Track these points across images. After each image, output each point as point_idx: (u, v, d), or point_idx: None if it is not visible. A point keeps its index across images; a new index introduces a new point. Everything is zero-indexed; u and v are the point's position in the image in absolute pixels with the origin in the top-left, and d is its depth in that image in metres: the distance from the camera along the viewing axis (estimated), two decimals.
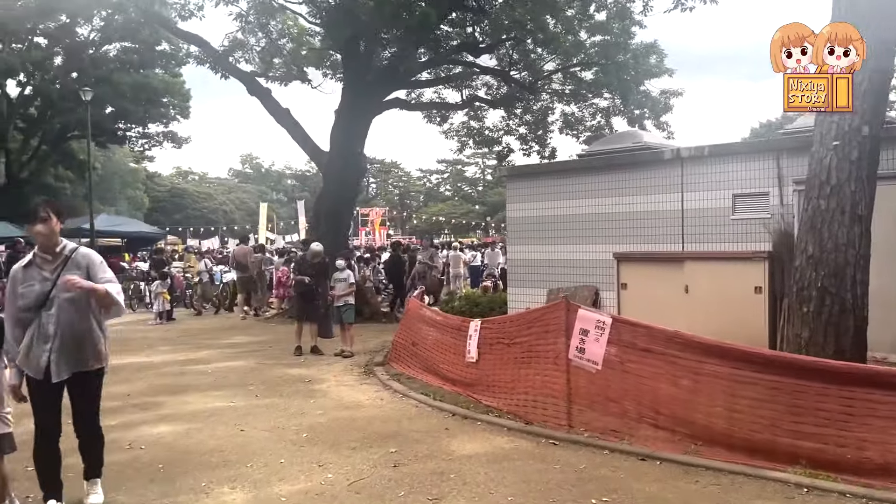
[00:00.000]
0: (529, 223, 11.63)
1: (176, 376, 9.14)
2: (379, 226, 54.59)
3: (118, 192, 60.81)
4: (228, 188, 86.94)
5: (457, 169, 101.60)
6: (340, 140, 16.55)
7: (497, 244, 25.43)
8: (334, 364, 9.88)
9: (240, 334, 13.60)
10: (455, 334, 8.02)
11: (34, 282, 4.33)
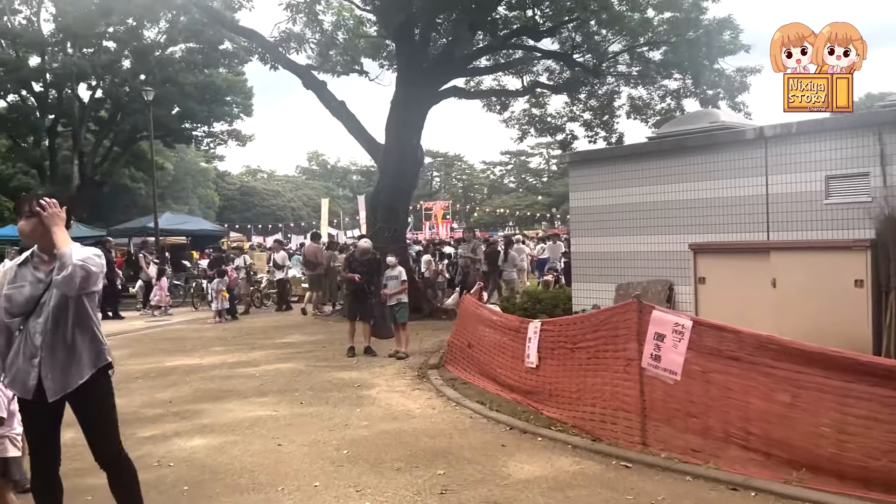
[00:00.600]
0: (595, 213, 10.79)
1: (222, 380, 8.75)
2: (442, 219, 54.17)
3: (190, 191, 62.41)
4: (296, 185, 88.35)
5: (521, 160, 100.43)
6: (396, 131, 16.01)
7: (560, 236, 24.48)
8: (387, 366, 9.32)
9: (296, 333, 13.24)
10: (513, 336, 7.32)
11: (25, 283, 3.66)
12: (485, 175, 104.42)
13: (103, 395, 3.80)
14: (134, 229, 23.24)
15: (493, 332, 7.92)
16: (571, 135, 21.64)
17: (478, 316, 8.53)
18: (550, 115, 22.08)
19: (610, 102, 21.28)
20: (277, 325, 14.75)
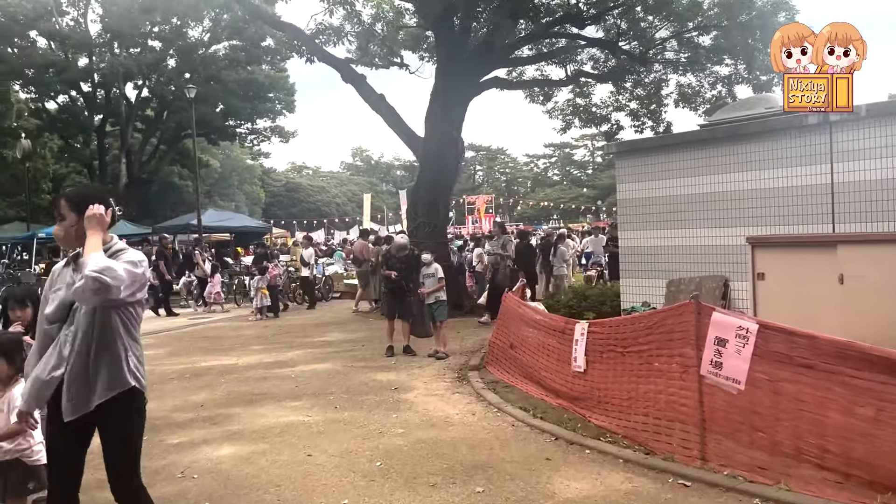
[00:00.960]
0: (644, 205, 10.24)
1: (257, 382, 8.50)
2: (484, 213, 53.73)
3: (236, 188, 63.32)
4: (340, 181, 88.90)
5: (565, 152, 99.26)
6: (436, 124, 15.62)
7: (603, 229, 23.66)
8: (426, 367, 8.96)
9: (335, 331, 12.99)
10: (559, 337, 6.87)
11: (62, 286, 3.32)
12: (528, 168, 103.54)
13: (120, 425, 3.31)
14: (178, 226, 23.40)
15: (537, 333, 7.48)
16: (617, 125, 20.95)
17: (520, 315, 8.11)
18: (595, 105, 21.42)
19: (657, 91, 20.53)
20: (317, 322, 14.54)
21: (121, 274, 3.07)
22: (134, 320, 3.36)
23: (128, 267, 3.17)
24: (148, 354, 11.10)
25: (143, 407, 3.45)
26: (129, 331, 3.33)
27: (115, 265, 3.08)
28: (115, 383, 3.26)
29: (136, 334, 3.40)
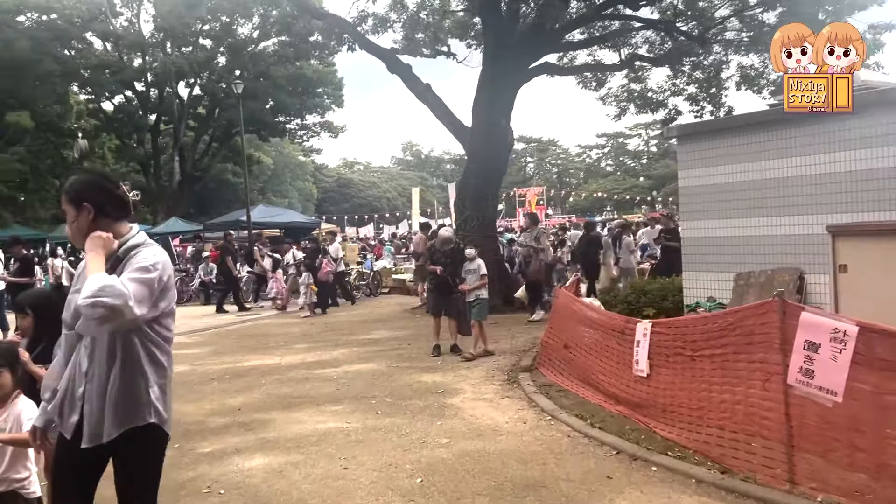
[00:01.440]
0: (708, 192, 9.49)
1: (298, 383, 8.13)
2: (535, 205, 52.93)
3: (289, 184, 64.10)
4: (391, 176, 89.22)
5: (618, 142, 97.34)
6: (484, 112, 15.06)
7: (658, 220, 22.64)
8: (474, 368, 8.44)
9: (381, 328, 12.59)
10: (618, 338, 6.27)
11: (80, 286, 2.71)
12: (580, 159, 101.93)
13: (133, 463, 2.82)
14: (228, 223, 23.37)
15: (593, 332, 6.88)
16: (675, 110, 20.01)
17: (575, 313, 7.51)
18: (651, 90, 20.52)
19: (717, 73, 19.51)
20: (364, 319, 14.17)
21: (122, 289, 2.50)
22: (157, 340, 2.82)
23: (135, 276, 2.62)
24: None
25: (163, 444, 2.93)
26: (151, 354, 2.80)
27: (113, 281, 2.51)
28: (130, 417, 2.75)
29: (161, 356, 2.85)
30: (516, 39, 15.10)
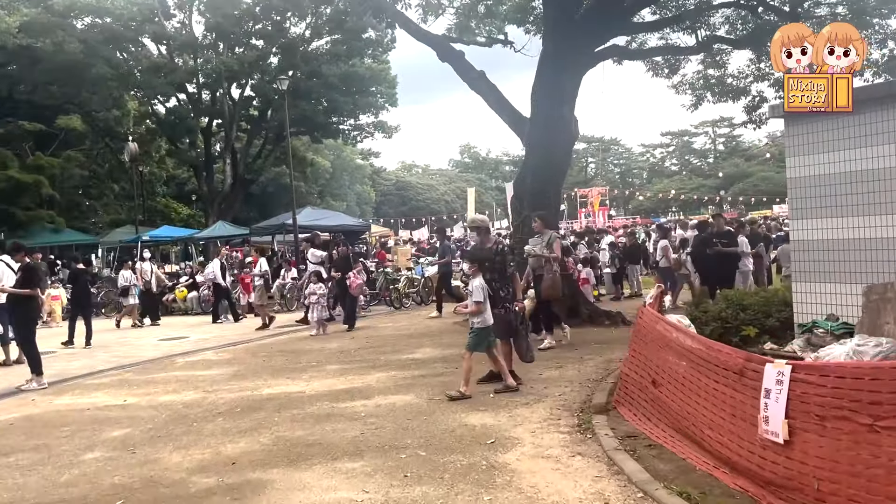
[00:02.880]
0: (828, 184, 7.60)
1: (318, 422, 6.63)
2: (599, 206, 50.74)
3: (347, 187, 63.95)
4: (449, 178, 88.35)
5: (683, 141, 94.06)
6: (544, 100, 13.36)
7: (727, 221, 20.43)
8: (533, 404, 6.77)
9: (428, 344, 11.05)
10: (733, 380, 4.53)
11: None
12: (644, 159, 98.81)
13: None
14: (274, 226, 22.35)
15: (693, 368, 5.15)
16: (760, 97, 17.89)
17: (663, 338, 5.78)
18: (731, 76, 18.43)
19: None
20: (410, 332, 12.67)
21: None
22: None
23: None
24: (209, 376, 9.41)
25: None
26: None
27: None
28: None
29: None
30: (581, 18, 13.36)
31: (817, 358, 6.47)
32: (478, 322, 7.30)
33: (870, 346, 6.21)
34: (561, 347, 9.85)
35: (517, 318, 7.71)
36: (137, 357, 11.64)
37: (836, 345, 6.46)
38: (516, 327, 7.71)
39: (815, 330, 7.47)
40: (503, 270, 7.73)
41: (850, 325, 7.32)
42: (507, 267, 7.78)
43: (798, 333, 7.86)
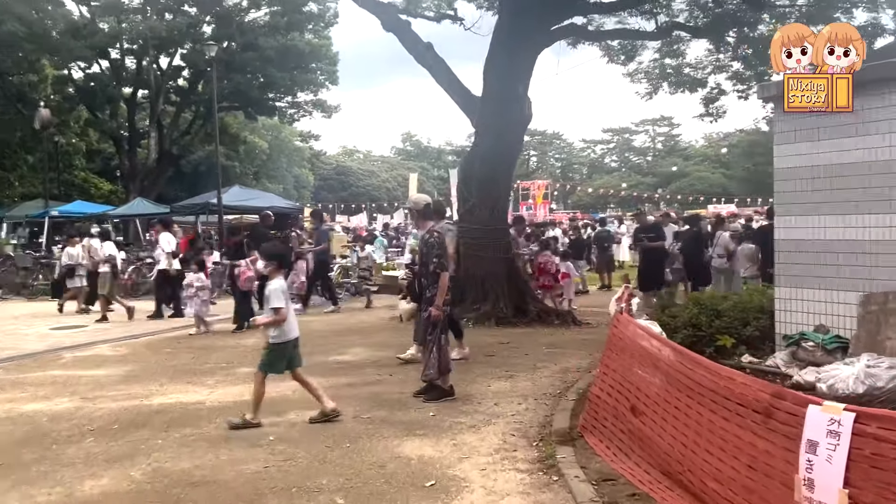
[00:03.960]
0: (822, 177, 6.67)
1: (211, 447, 5.28)
2: (542, 200, 50.12)
3: (285, 170, 61.71)
4: (391, 165, 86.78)
5: (623, 138, 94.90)
6: (497, 77, 12.20)
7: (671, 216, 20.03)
8: (482, 427, 5.59)
9: (360, 343, 9.75)
10: (753, 421, 3.43)
11: None
12: (585, 154, 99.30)
13: None
14: (197, 205, 20.54)
15: (688, 397, 4.04)
16: (718, 89, 17.19)
17: (647, 355, 4.66)
18: (689, 66, 17.69)
19: (766, 48, 16.62)
20: (340, 328, 11.32)
21: None
22: None
23: None
24: (95, 378, 7.66)
25: None
26: None
27: None
28: None
29: None
30: None
31: (818, 379, 5.50)
32: (274, 336, 5.73)
33: (882, 367, 5.26)
34: (512, 348, 8.71)
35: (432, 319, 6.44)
36: (16, 349, 9.92)
37: (840, 364, 5.50)
38: (430, 332, 6.43)
39: (802, 343, 6.54)
40: (428, 262, 6.48)
41: (844, 339, 6.41)
42: (430, 262, 6.44)
43: (783, 345, 6.93)
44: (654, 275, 12.61)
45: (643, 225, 15.22)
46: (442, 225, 7.85)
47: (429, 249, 6.42)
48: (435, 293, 6.32)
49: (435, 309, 6.30)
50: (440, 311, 6.32)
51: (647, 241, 13.67)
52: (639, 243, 14.32)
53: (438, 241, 6.45)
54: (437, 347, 6.38)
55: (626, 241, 23.85)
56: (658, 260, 13.69)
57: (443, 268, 6.32)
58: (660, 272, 12.86)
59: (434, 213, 7.05)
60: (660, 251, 13.80)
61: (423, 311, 6.45)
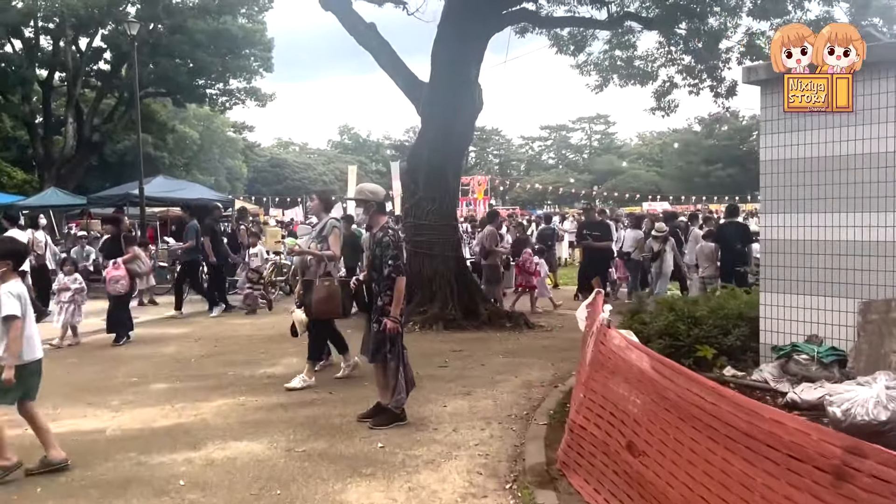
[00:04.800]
0: (813, 170, 6.02)
1: (102, 499, 4.21)
2: (482, 196, 49.58)
3: (217, 161, 59.65)
4: (328, 158, 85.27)
5: (561, 135, 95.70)
6: (447, 61, 11.29)
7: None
8: (442, 463, 4.67)
9: (294, 353, 8.62)
10: (814, 480, 2.62)
11: None
12: (523, 151, 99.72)
13: None
14: (117, 196, 18.91)
15: (710, 439, 3.21)
16: (670, 83, 16.69)
17: (647, 380, 3.81)
18: (640, 58, 17.14)
19: (716, 42, 16.29)
20: (273, 335, 10.20)
21: None
22: None
23: None
24: None
25: None
26: None
27: None
28: None
29: None
30: None
31: (828, 402, 4.80)
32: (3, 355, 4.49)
33: None
34: (465, 363, 7.83)
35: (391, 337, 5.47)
36: None
37: (854, 385, 4.80)
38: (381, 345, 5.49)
39: (795, 355, 5.88)
40: (382, 269, 5.51)
41: (841, 351, 5.77)
42: (385, 265, 5.46)
43: (770, 357, 6.26)
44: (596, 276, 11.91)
45: (590, 221, 14.64)
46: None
47: (383, 250, 5.44)
48: (388, 301, 5.36)
49: (391, 321, 5.33)
50: (397, 322, 5.36)
51: (593, 239, 13.06)
52: (583, 241, 13.69)
53: (394, 241, 5.48)
54: (401, 365, 5.43)
55: (568, 238, 23.41)
56: (603, 260, 13.08)
57: (399, 272, 5.37)
58: (603, 274, 12.23)
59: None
60: (605, 251, 13.20)
61: (373, 323, 5.47)
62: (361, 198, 5.84)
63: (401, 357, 5.47)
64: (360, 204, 6.00)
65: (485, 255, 12.17)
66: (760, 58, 16.00)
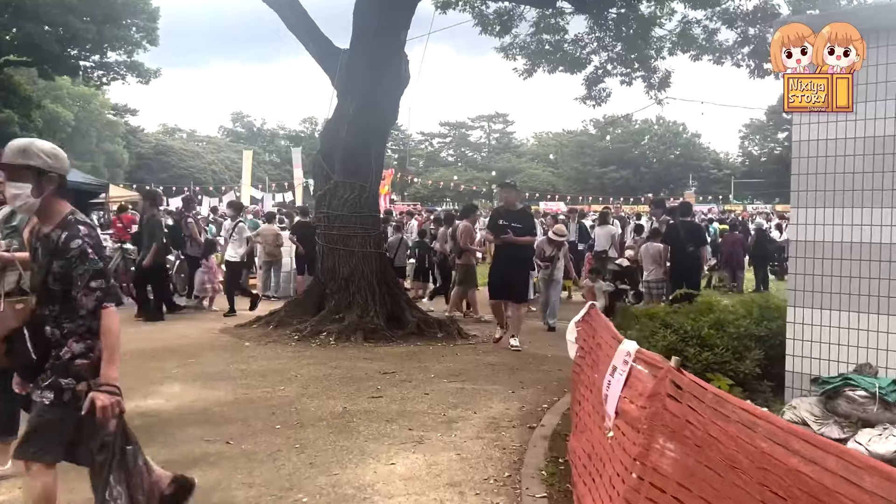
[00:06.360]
0: (865, 153, 4.76)
1: None
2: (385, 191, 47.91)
3: (95, 145, 55.56)
4: (218, 147, 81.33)
5: (460, 133, 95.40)
6: (372, 21, 9.52)
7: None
8: None
9: (183, 374, 6.70)
10: None
11: None
12: (423, 147, 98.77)
13: None
14: None
15: None
16: (603, 70, 15.62)
17: (785, 470, 2.31)
18: (568, 43, 16.00)
19: (647, 29, 15.42)
20: (154, 347, 8.11)
21: None
22: None
23: None
24: None
25: None
26: None
27: None
28: None
29: None
30: None
31: None
32: None
33: None
34: (403, 392, 6.14)
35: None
36: None
37: None
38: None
39: (846, 390, 4.59)
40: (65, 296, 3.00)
41: None
42: (76, 288, 2.96)
43: (803, 389, 4.97)
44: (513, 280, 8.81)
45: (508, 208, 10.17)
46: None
47: (69, 264, 2.97)
48: (83, 353, 2.82)
49: (104, 393, 2.87)
50: (115, 394, 2.91)
51: (514, 232, 8.79)
52: (500, 234, 9.01)
53: (93, 245, 3.05)
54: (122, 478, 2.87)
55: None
56: (525, 261, 9.23)
57: (112, 299, 3.05)
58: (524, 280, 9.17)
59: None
60: (529, 250, 9.57)
61: (38, 392, 2.95)
62: (22, 161, 2.98)
63: (125, 465, 2.93)
64: (13, 174, 2.99)
65: (458, 253, 10.61)
66: (693, 47, 15.27)
